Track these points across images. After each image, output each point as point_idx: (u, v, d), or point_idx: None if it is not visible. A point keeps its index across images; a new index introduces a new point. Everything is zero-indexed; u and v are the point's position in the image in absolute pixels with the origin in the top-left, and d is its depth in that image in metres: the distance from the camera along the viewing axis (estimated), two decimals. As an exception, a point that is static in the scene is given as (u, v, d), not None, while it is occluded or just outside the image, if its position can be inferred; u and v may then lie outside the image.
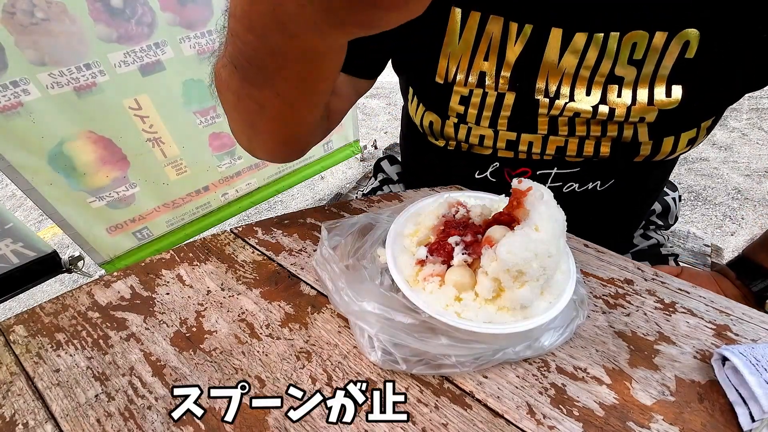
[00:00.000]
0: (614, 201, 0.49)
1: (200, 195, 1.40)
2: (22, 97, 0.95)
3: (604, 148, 0.43)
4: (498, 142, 0.46)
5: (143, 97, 1.11)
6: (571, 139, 0.44)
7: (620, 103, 0.40)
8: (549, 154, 0.45)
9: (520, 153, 0.47)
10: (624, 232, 0.60)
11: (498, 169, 0.49)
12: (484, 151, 0.48)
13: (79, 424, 0.33)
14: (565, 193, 0.47)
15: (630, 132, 0.41)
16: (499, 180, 0.50)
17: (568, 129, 0.43)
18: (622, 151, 0.43)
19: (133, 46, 1.04)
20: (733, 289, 0.51)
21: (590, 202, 0.48)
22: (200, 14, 1.11)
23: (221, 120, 1.30)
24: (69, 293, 0.44)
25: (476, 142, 0.46)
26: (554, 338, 0.36)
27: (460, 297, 0.35)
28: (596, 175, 0.46)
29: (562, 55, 0.41)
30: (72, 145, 1.07)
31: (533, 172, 0.47)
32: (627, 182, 0.47)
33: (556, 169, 0.46)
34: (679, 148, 0.42)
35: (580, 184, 0.46)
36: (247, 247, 0.49)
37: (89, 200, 1.16)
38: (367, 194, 0.76)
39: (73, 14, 0.94)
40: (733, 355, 0.32)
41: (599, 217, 0.51)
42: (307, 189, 2.02)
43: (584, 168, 0.45)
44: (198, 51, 1.16)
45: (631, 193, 0.50)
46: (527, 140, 0.45)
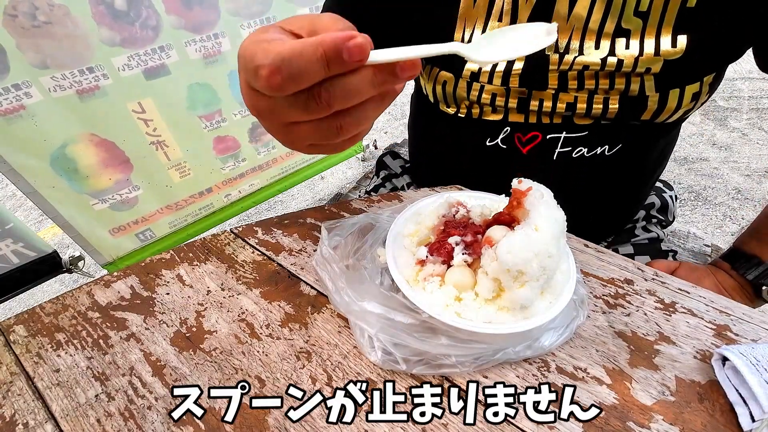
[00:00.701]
0: (621, 168, 0.50)
1: (203, 197, 1.40)
2: (24, 100, 0.95)
3: (613, 103, 0.44)
4: (509, 101, 0.47)
5: (147, 100, 1.11)
6: (580, 95, 0.45)
7: (628, 54, 0.42)
8: (559, 113, 0.46)
9: (531, 115, 0.48)
10: (629, 204, 0.61)
11: (509, 135, 0.50)
12: (495, 117, 0.50)
13: (79, 424, 0.33)
14: (575, 159, 0.49)
15: (637, 85, 0.43)
16: (509, 147, 0.51)
17: (578, 83, 0.44)
18: (630, 106, 0.44)
19: (138, 49, 1.03)
20: (729, 279, 0.52)
21: (599, 169, 0.50)
22: (206, 18, 1.10)
23: (226, 124, 1.29)
24: (69, 293, 0.44)
25: (488, 101, 0.48)
26: (554, 338, 0.36)
27: (460, 297, 0.35)
28: (604, 139, 0.47)
29: (571, 11, 0.43)
30: (74, 147, 1.06)
31: (543, 136, 0.48)
32: (633, 148, 0.49)
33: (565, 133, 0.47)
34: (684, 103, 0.44)
35: (589, 149, 0.48)
36: (247, 247, 0.49)
37: (92, 202, 1.16)
38: (370, 192, 0.77)
39: (76, 17, 0.93)
40: (734, 355, 0.32)
41: (607, 186, 0.52)
42: (307, 189, 2.02)
43: (592, 132, 0.47)
44: (204, 55, 1.14)
45: (637, 161, 0.51)
46: (538, 97, 0.46)
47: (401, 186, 0.75)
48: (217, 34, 1.14)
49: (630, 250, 0.61)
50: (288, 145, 0.32)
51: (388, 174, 0.78)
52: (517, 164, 0.51)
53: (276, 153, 1.50)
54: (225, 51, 1.17)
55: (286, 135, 0.29)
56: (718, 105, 2.36)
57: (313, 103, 0.24)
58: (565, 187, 0.50)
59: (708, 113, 2.30)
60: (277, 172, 1.57)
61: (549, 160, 0.50)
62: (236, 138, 1.34)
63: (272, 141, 1.45)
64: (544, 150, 0.49)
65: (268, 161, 1.50)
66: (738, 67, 2.62)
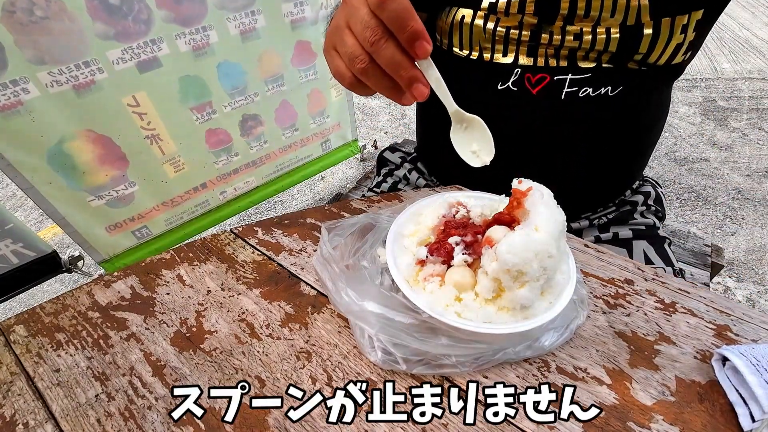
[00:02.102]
0: (623, 110, 0.54)
1: (198, 192, 1.40)
2: (22, 96, 0.95)
3: (614, 32, 0.48)
4: (522, 34, 0.51)
5: (141, 94, 1.12)
6: (585, 26, 0.49)
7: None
8: (567, 47, 0.50)
9: (539, 58, 0.52)
10: (630, 158, 0.64)
11: (519, 77, 0.54)
12: (505, 60, 0.54)
13: (79, 424, 0.33)
14: (581, 98, 0.53)
15: (635, 12, 0.47)
16: (520, 89, 0.54)
17: (585, 9, 0.48)
18: (629, 36, 0.48)
19: (131, 43, 1.04)
20: None
21: (603, 108, 0.54)
22: (195, 11, 1.12)
23: (217, 116, 1.31)
24: (69, 293, 0.44)
25: (502, 34, 0.52)
26: (554, 338, 0.36)
27: (461, 297, 0.35)
28: (607, 80, 0.52)
29: None
30: (71, 144, 1.07)
31: (551, 77, 0.52)
32: (633, 92, 0.53)
33: (570, 75, 0.52)
34: (674, 36, 0.48)
35: (594, 89, 0.52)
36: (247, 247, 0.49)
37: (88, 199, 1.16)
38: (372, 188, 0.77)
39: (72, 12, 0.94)
40: (734, 356, 0.32)
41: (611, 129, 0.56)
42: (308, 189, 2.02)
43: (595, 73, 0.51)
44: (193, 47, 1.16)
45: (636, 106, 0.55)
46: (548, 29, 0.50)
47: (402, 175, 0.76)
48: (205, 27, 1.16)
49: (629, 234, 0.63)
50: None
51: (389, 169, 0.78)
52: (528, 106, 0.54)
53: (269, 148, 1.50)
54: (213, 43, 1.19)
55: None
56: (718, 105, 2.36)
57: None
58: (574, 128, 0.54)
59: (708, 113, 2.30)
60: (271, 169, 1.57)
61: (557, 100, 0.53)
62: (227, 131, 1.36)
63: (264, 135, 1.46)
64: (553, 90, 0.53)
65: (262, 157, 1.50)
66: (738, 67, 2.62)
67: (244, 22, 1.22)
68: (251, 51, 1.28)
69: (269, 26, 1.28)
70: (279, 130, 1.50)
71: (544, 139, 0.56)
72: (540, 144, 0.57)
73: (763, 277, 1.41)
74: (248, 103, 1.36)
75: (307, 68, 1.45)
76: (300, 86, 1.47)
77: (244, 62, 1.28)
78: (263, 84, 1.37)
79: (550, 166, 0.58)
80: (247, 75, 1.31)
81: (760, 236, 1.55)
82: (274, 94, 1.41)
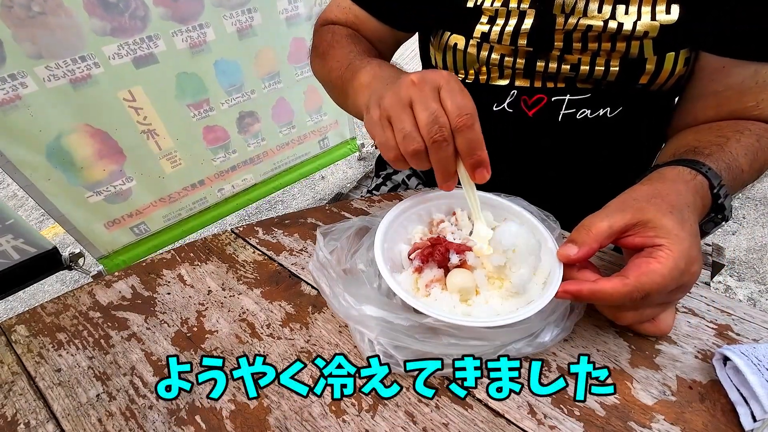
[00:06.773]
0: (623, 131, 0.52)
1: (196, 189, 1.40)
2: (20, 90, 0.95)
3: (614, 65, 0.47)
4: (517, 62, 0.49)
5: (137, 89, 1.12)
6: (583, 57, 0.47)
7: (627, 19, 0.45)
8: (563, 74, 0.49)
9: (536, 79, 0.50)
10: (631, 181, 0.62)
11: (515, 99, 0.52)
12: (501, 81, 0.52)
13: (81, 424, 0.33)
14: (579, 120, 0.51)
15: (637, 48, 0.45)
16: (516, 110, 0.52)
17: (581, 45, 0.47)
18: (630, 68, 0.47)
19: (127, 38, 1.05)
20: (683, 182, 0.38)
21: (602, 131, 0.52)
22: (192, 8, 1.12)
23: (214, 113, 1.30)
24: (70, 293, 0.44)
25: (496, 62, 0.50)
26: (554, 333, 0.36)
27: (466, 298, 0.36)
28: (606, 102, 0.50)
29: None
30: (69, 138, 1.07)
31: (548, 98, 0.50)
32: (633, 112, 0.51)
33: (569, 96, 0.50)
34: (678, 68, 0.46)
35: (592, 111, 0.50)
36: (247, 247, 0.49)
37: (87, 195, 1.16)
38: (372, 191, 0.77)
39: (69, 7, 0.94)
40: (735, 355, 0.32)
41: (609, 149, 0.54)
42: (308, 189, 2.01)
43: (594, 94, 0.49)
44: (190, 44, 1.16)
45: (636, 126, 0.53)
46: (544, 58, 0.49)
47: (401, 180, 0.75)
48: (202, 25, 1.16)
49: None
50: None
51: (387, 173, 0.78)
52: (524, 128, 0.53)
53: (266, 146, 1.50)
54: (210, 41, 1.19)
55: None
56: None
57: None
58: (570, 150, 0.53)
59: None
60: (269, 167, 1.56)
61: (554, 122, 0.51)
62: (225, 128, 1.35)
63: (261, 133, 1.45)
64: (550, 112, 0.51)
65: (259, 154, 1.50)
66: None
67: (241, 19, 1.22)
68: (248, 48, 1.28)
69: (265, 24, 1.27)
70: (276, 128, 1.50)
71: (541, 159, 0.55)
72: (536, 165, 0.55)
73: (764, 276, 1.41)
74: (245, 101, 1.35)
75: (303, 65, 1.45)
76: (296, 83, 1.46)
77: (241, 60, 1.28)
78: (260, 81, 1.36)
79: (547, 187, 0.56)
80: (244, 72, 1.31)
81: (761, 235, 1.55)
82: (270, 91, 1.41)
